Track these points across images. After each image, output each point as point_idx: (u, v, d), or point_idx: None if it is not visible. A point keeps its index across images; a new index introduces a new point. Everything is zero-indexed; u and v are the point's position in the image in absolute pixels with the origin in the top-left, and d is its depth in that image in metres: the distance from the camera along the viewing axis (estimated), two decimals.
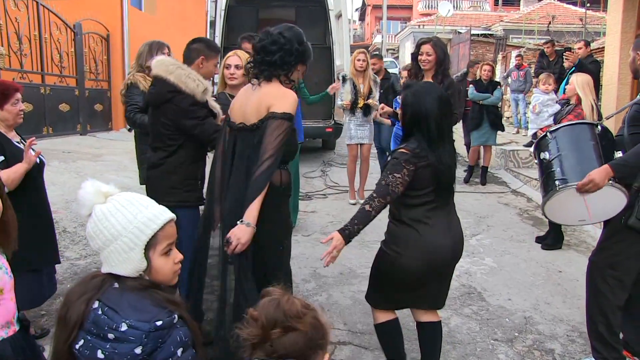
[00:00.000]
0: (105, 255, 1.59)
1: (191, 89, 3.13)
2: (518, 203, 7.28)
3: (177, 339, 1.55)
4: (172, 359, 1.53)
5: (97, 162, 7.65)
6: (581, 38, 19.90)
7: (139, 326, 1.49)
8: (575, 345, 3.57)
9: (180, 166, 3.27)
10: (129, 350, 1.48)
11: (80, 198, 1.60)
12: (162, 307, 1.56)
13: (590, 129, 3.18)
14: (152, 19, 14.21)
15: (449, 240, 2.73)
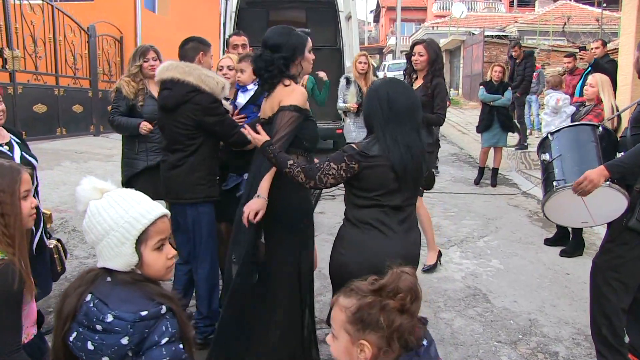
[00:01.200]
0: (99, 250, 1.62)
1: (211, 88, 3.24)
2: (528, 205, 7.22)
3: (162, 328, 1.56)
4: (155, 347, 1.54)
5: (109, 162, 7.72)
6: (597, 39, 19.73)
7: (124, 316, 1.52)
8: (580, 349, 3.53)
9: (203, 163, 3.36)
10: (115, 340, 1.51)
11: (77, 194, 1.63)
12: (151, 299, 1.58)
13: (591, 130, 3.15)
14: (165, 21, 14.33)
15: (395, 249, 2.40)
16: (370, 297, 1.43)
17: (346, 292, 1.49)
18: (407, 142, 2.43)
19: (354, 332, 1.42)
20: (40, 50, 9.36)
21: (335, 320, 1.47)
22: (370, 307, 1.42)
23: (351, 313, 1.43)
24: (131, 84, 4.14)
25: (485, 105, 8.18)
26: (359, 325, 1.42)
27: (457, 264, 4.99)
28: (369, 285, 1.47)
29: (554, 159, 3.10)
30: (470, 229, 6.10)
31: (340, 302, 1.48)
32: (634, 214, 2.91)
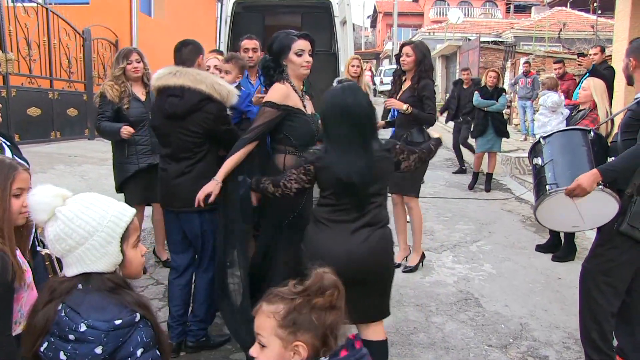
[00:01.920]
0: (78, 255, 1.58)
1: (222, 96, 3.20)
2: (522, 210, 7.24)
3: (137, 339, 1.53)
4: (130, 359, 1.52)
5: (102, 166, 7.70)
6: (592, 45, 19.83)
7: (98, 326, 1.49)
8: (570, 352, 3.54)
9: (210, 170, 3.26)
10: (89, 350, 1.48)
11: (37, 204, 1.58)
12: (124, 307, 1.56)
13: (583, 135, 3.16)
14: (161, 25, 14.33)
15: (342, 249, 2.48)
16: (298, 299, 1.44)
17: (269, 299, 1.48)
18: (354, 153, 2.50)
19: (287, 336, 1.42)
20: (35, 53, 9.34)
21: (263, 328, 1.45)
22: (300, 308, 1.42)
23: (281, 317, 1.43)
24: (114, 88, 4.14)
25: (479, 111, 8.20)
26: (291, 328, 1.42)
27: (450, 269, 4.99)
28: (292, 288, 1.47)
29: (546, 163, 3.10)
30: (463, 233, 6.10)
31: (266, 309, 1.47)
32: (625, 218, 2.92)
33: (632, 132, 2.95)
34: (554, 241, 5.51)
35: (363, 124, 2.55)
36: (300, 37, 3.04)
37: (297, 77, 3.09)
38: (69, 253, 1.58)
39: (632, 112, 2.99)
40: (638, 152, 2.80)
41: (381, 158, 2.58)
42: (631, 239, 2.95)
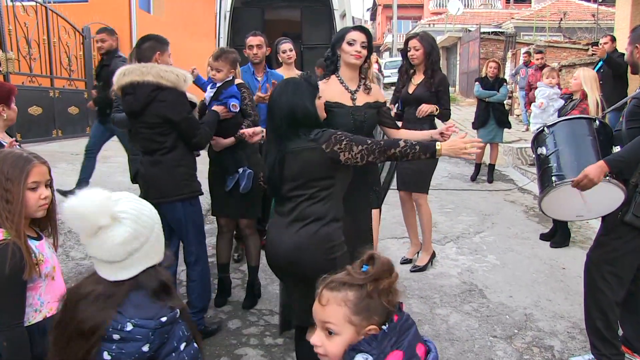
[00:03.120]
0: (144, 252, 1.58)
1: (172, 81, 3.21)
2: (524, 200, 7.23)
3: (179, 334, 1.57)
4: (174, 353, 1.55)
5: (104, 163, 7.70)
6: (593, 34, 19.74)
7: (145, 324, 1.51)
8: (575, 342, 3.54)
9: (184, 158, 3.37)
10: (136, 348, 1.50)
11: (95, 209, 1.51)
12: (163, 303, 1.57)
13: (588, 123, 3.15)
14: (160, 22, 14.30)
15: (277, 240, 2.58)
16: (370, 285, 1.44)
17: (331, 287, 1.47)
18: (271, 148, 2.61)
19: (360, 322, 1.42)
20: (35, 52, 9.33)
21: (334, 316, 1.44)
22: (372, 293, 1.43)
23: (354, 304, 1.43)
24: None
25: (480, 102, 8.17)
26: (365, 314, 1.42)
27: (453, 260, 5.00)
28: (358, 274, 1.47)
29: (551, 153, 3.09)
30: (466, 224, 6.10)
31: (333, 296, 1.45)
32: (630, 209, 2.92)
33: (638, 120, 2.94)
34: (557, 229, 5.51)
35: (279, 119, 2.58)
36: (355, 29, 3.17)
37: (349, 67, 3.16)
38: (135, 252, 1.56)
39: (638, 101, 2.96)
40: None
41: (303, 150, 2.52)
42: (635, 228, 2.95)
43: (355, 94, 3.19)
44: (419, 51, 4.51)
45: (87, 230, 1.52)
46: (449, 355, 3.37)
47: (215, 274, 4.29)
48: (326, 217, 2.54)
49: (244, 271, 4.58)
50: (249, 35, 4.77)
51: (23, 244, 1.92)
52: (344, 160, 2.51)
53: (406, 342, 1.42)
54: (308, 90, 2.63)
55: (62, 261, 4.79)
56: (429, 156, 2.64)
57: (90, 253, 1.58)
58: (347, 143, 2.50)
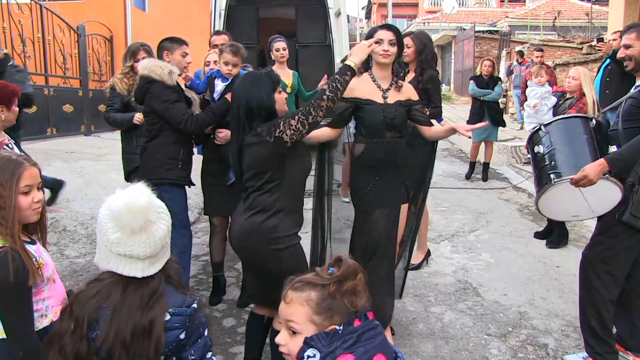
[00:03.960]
0: (168, 244, 1.65)
1: (159, 75, 3.56)
2: (519, 199, 7.25)
3: (202, 320, 1.64)
4: (200, 339, 1.61)
5: (99, 162, 7.69)
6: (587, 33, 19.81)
7: (181, 312, 1.56)
8: (570, 340, 3.56)
9: (162, 147, 3.67)
10: (175, 336, 1.54)
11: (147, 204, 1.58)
12: (184, 292, 1.64)
13: (584, 122, 3.15)
14: (155, 20, 14.27)
15: (237, 227, 2.70)
16: (332, 285, 1.46)
17: (295, 287, 1.49)
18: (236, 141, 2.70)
19: (322, 321, 1.44)
20: (29, 50, 9.29)
21: (296, 315, 1.46)
22: (334, 294, 1.44)
23: (316, 304, 1.44)
24: (124, 81, 4.27)
25: (475, 100, 8.18)
26: (326, 314, 1.44)
27: (448, 258, 5.01)
28: (323, 274, 1.49)
29: (548, 151, 3.10)
30: (461, 223, 6.12)
31: (296, 296, 1.47)
32: (628, 208, 2.93)
33: (634, 120, 2.95)
34: (552, 227, 5.53)
35: (237, 109, 2.69)
36: (382, 28, 3.21)
37: (379, 66, 3.23)
38: (167, 244, 1.63)
39: (634, 100, 2.97)
40: None
41: (249, 145, 2.61)
42: (632, 228, 2.96)
43: (387, 92, 3.25)
44: (410, 49, 4.53)
45: (138, 225, 1.55)
46: (443, 353, 3.38)
47: (210, 272, 4.30)
48: (272, 209, 2.59)
49: (238, 269, 4.57)
50: (212, 34, 4.81)
51: (22, 250, 1.87)
52: (289, 139, 2.55)
53: (362, 349, 1.40)
54: (267, 83, 2.67)
55: (57, 260, 4.78)
56: (350, 73, 2.72)
57: (129, 251, 1.58)
58: (284, 123, 2.56)
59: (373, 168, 3.28)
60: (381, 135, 3.23)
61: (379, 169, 3.26)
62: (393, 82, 3.28)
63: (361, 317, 1.45)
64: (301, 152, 2.72)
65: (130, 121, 4.18)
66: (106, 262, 1.62)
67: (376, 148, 3.26)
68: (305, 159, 2.74)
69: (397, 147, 3.26)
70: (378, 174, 3.26)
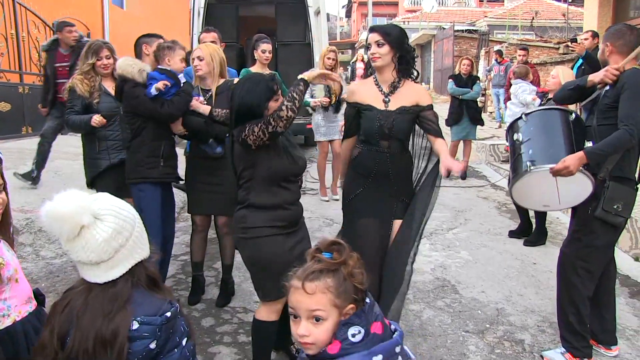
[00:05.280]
0: (130, 247, 1.57)
1: (131, 73, 3.62)
2: (497, 197, 7.33)
3: (181, 329, 1.57)
4: (176, 349, 1.55)
5: (76, 161, 7.56)
6: (564, 33, 20.08)
7: (151, 321, 1.50)
8: (545, 335, 3.60)
9: (142, 145, 3.70)
10: (143, 347, 1.48)
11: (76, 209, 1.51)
12: (163, 298, 1.57)
13: (564, 115, 3.17)
14: (133, 17, 14.13)
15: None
16: (343, 269, 1.53)
17: (310, 278, 1.52)
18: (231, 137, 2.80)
19: (342, 303, 1.51)
20: (2, 46, 9.15)
21: (322, 304, 1.50)
22: (344, 278, 1.52)
23: (335, 289, 1.50)
24: (84, 82, 4.05)
25: (454, 99, 8.25)
26: (345, 295, 1.51)
27: (427, 256, 5.04)
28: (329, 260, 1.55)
29: (527, 139, 3.11)
30: (439, 221, 6.16)
31: (316, 286, 1.51)
32: (600, 204, 2.98)
33: (608, 117, 3.01)
34: (524, 226, 5.62)
35: (231, 110, 2.79)
36: (369, 31, 3.11)
37: (377, 70, 3.12)
38: (121, 249, 1.55)
39: (608, 99, 3.03)
40: (623, 138, 2.85)
41: (234, 143, 2.76)
42: (606, 223, 3.02)
43: (389, 96, 3.08)
44: None
45: (70, 231, 1.50)
46: (422, 350, 3.40)
47: (189, 272, 4.28)
48: (244, 202, 2.76)
49: (217, 269, 4.55)
50: (202, 31, 4.77)
51: None
52: (252, 142, 2.61)
53: (381, 315, 1.57)
54: (263, 91, 2.67)
55: (32, 260, 4.71)
56: (303, 84, 2.73)
57: (75, 258, 1.54)
58: (249, 128, 2.61)
59: (363, 175, 3.15)
60: (374, 143, 3.09)
61: (368, 177, 3.12)
62: (395, 85, 3.08)
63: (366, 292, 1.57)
64: (272, 154, 2.70)
65: (88, 123, 3.96)
66: (79, 269, 1.59)
67: (368, 155, 3.11)
68: (277, 160, 2.70)
69: (391, 159, 3.09)
70: (367, 183, 3.13)
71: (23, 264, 4.33)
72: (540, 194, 3.17)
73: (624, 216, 3.05)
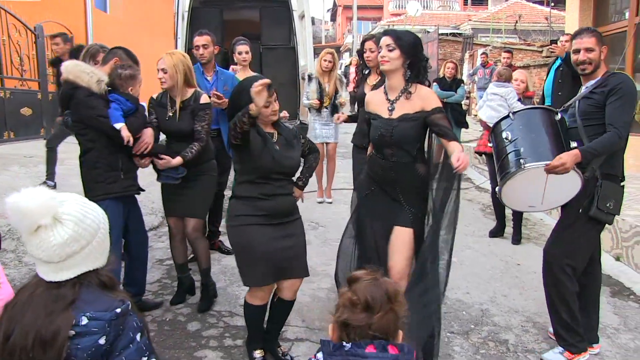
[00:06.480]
0: (85, 254, 1.56)
1: (86, 82, 3.37)
2: (482, 199, 7.38)
3: (134, 324, 1.57)
4: (132, 344, 1.55)
5: (60, 166, 7.51)
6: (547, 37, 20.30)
7: (100, 316, 1.50)
8: (529, 335, 3.64)
9: (99, 160, 3.48)
10: (92, 342, 1.48)
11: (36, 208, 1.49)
12: (114, 296, 1.58)
13: (550, 114, 3.22)
14: (117, 21, 14.04)
15: None
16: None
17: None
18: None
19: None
20: None
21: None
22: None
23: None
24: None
25: None
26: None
27: None
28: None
29: (517, 138, 3.12)
30: None
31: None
32: (594, 203, 3.03)
33: (594, 118, 3.06)
34: (501, 225, 5.81)
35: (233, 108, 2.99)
36: (383, 34, 3.14)
37: (386, 75, 3.13)
38: (75, 255, 1.54)
39: (590, 100, 3.08)
40: (613, 140, 2.92)
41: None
42: (592, 220, 3.08)
43: (394, 104, 3.06)
44: (374, 53, 4.51)
45: (27, 227, 1.49)
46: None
47: (174, 277, 4.26)
48: (235, 193, 3.04)
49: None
50: (195, 34, 4.75)
51: None
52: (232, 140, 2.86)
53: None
54: (248, 97, 2.74)
55: (15, 266, 4.65)
56: (247, 115, 2.74)
57: (29, 251, 1.55)
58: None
59: (372, 178, 3.26)
60: (379, 151, 3.14)
61: (375, 182, 3.22)
62: (402, 93, 3.04)
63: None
64: (255, 153, 2.90)
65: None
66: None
67: (375, 162, 3.19)
68: (257, 159, 2.91)
69: (396, 167, 3.08)
70: (374, 186, 3.23)
71: (6, 270, 4.28)
72: (527, 193, 3.21)
73: (614, 214, 3.11)
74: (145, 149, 3.57)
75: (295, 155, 3.09)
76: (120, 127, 3.40)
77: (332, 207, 6.82)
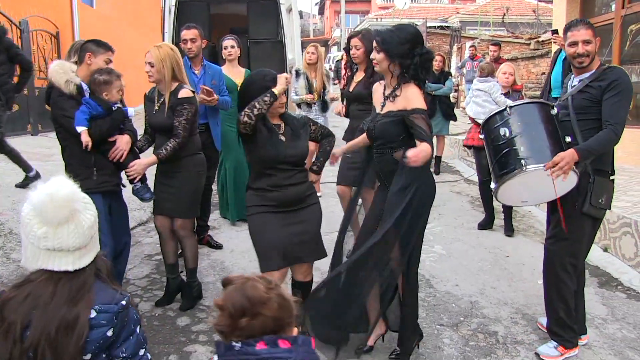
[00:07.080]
0: (96, 237, 1.63)
1: (58, 82, 3.39)
2: (470, 191, 7.42)
3: (134, 317, 1.62)
4: (132, 336, 1.60)
5: (47, 162, 7.46)
6: (535, 29, 20.38)
7: (108, 309, 1.54)
8: (518, 327, 3.67)
9: (71, 157, 3.53)
10: (101, 334, 1.52)
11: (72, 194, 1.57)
12: (115, 289, 1.61)
13: (548, 109, 3.17)
14: (104, 16, 13.90)
15: None
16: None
17: None
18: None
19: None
20: None
21: None
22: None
23: None
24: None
25: (426, 95, 8.25)
26: None
27: None
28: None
29: (514, 136, 3.08)
30: None
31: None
32: (587, 199, 3.03)
33: (589, 113, 3.04)
34: (490, 217, 5.82)
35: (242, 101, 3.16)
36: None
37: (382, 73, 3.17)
38: (94, 236, 1.61)
39: (589, 95, 3.04)
40: (611, 137, 2.91)
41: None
42: (590, 218, 3.09)
43: (386, 100, 3.11)
44: (360, 50, 4.42)
45: (64, 215, 1.53)
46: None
47: (163, 272, 4.24)
48: (248, 184, 3.28)
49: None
50: (182, 28, 4.71)
51: None
52: (242, 128, 3.02)
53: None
54: (257, 89, 3.06)
55: (3, 264, 4.62)
56: (270, 95, 3.01)
57: (58, 244, 1.54)
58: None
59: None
60: (375, 142, 3.19)
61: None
62: (392, 91, 3.06)
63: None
64: (260, 144, 3.09)
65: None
66: (35, 260, 1.58)
67: (370, 151, 3.30)
68: (262, 150, 3.10)
69: (379, 159, 3.16)
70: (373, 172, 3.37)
71: None
72: (522, 191, 3.20)
73: (605, 208, 3.12)
74: (122, 156, 3.52)
75: (301, 145, 3.24)
76: (81, 130, 3.36)
77: (322, 201, 6.79)
